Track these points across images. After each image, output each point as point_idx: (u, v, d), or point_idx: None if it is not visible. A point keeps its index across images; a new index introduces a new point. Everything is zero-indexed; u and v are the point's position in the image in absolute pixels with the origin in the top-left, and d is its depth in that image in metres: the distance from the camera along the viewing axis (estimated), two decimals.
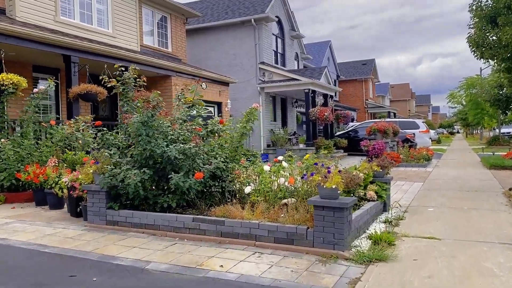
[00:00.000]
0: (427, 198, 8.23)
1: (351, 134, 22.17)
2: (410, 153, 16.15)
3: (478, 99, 26.13)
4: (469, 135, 64.35)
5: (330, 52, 37.60)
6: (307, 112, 18.07)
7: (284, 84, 18.22)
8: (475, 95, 26.83)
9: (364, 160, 7.82)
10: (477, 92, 25.95)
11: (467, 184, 10.11)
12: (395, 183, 10.64)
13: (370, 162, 6.99)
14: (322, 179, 4.66)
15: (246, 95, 19.14)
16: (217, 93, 16.49)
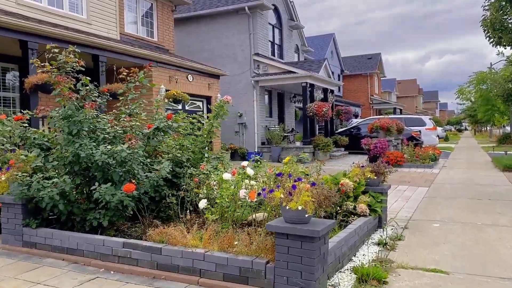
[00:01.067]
0: (432, 209, 6.94)
1: (353, 132, 20.85)
2: (415, 152, 14.83)
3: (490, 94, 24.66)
4: (478, 133, 62.61)
5: (334, 46, 36.17)
6: (304, 107, 16.79)
7: (279, 77, 16.94)
8: (486, 90, 25.36)
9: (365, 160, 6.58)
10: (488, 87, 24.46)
11: (479, 190, 8.80)
12: (397, 187, 9.36)
13: (363, 168, 5.72)
14: (285, 197, 3.41)
15: (239, 89, 17.88)
16: (205, 86, 15.25)
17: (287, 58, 20.89)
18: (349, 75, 39.16)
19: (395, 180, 10.65)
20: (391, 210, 6.94)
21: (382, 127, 15.55)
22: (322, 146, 16.70)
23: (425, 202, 7.62)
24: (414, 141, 18.46)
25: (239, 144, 17.90)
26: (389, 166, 5.80)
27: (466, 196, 8.09)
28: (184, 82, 14.06)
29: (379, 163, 5.71)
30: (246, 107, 17.73)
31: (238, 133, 18.01)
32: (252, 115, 17.57)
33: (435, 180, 10.57)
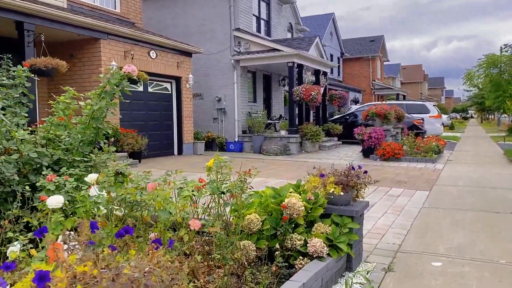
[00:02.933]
0: (432, 230, 4.92)
1: (349, 119, 18.76)
2: (416, 144, 12.76)
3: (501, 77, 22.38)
4: (485, 121, 60.19)
5: (334, 26, 33.77)
6: (290, 91, 14.69)
7: (262, 55, 14.80)
8: (497, 74, 23.02)
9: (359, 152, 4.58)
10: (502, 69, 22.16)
11: (495, 196, 6.76)
12: (388, 191, 7.34)
13: (323, 178, 3.70)
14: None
15: (218, 70, 15.78)
16: (173, 65, 13.16)
17: (276, 35, 18.70)
18: (349, 59, 36.82)
19: (388, 179, 8.62)
20: (375, 230, 4.93)
21: (378, 114, 13.46)
22: (311, 136, 14.65)
23: (423, 217, 5.59)
24: (415, 130, 16.38)
25: (217, 132, 15.88)
26: (365, 176, 3.76)
27: (478, 207, 6.05)
28: (145, 59, 11.98)
29: (348, 174, 3.66)
30: (225, 91, 15.65)
31: (217, 120, 15.96)
32: (233, 100, 15.50)
33: (438, 180, 8.53)
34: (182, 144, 13.58)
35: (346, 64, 36.86)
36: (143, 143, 10.96)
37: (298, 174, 9.40)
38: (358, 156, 13.26)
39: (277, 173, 9.46)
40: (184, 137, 13.61)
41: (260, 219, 3.38)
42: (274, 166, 11.05)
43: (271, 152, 14.16)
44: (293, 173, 9.60)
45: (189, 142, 13.86)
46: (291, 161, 12.38)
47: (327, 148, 15.47)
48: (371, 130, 12.77)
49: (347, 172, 3.69)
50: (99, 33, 10.43)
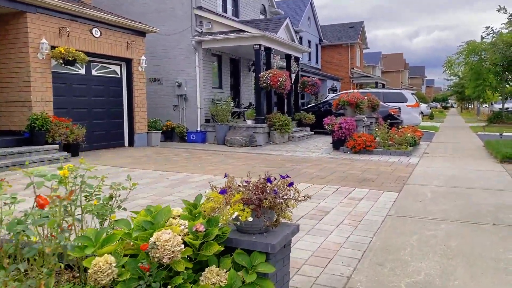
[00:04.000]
0: (394, 253, 3.76)
1: (322, 108, 17.63)
2: (390, 135, 11.70)
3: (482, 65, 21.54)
4: (464, 110, 60.15)
5: (311, 11, 32.46)
6: (257, 76, 13.42)
7: (225, 37, 13.44)
8: (478, 62, 22.20)
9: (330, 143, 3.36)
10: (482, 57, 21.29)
11: (475, 200, 5.68)
12: (350, 193, 6.20)
13: (224, 194, 2.47)
14: None
15: (178, 52, 14.37)
16: (122, 45, 11.72)
17: (246, 17, 17.33)
18: (328, 45, 35.65)
19: (354, 176, 7.49)
20: (321, 252, 3.77)
21: (350, 103, 12.32)
22: (279, 126, 13.46)
23: (386, 231, 4.45)
24: (391, 120, 15.37)
25: (178, 121, 14.53)
26: (290, 190, 2.55)
27: (455, 216, 4.95)
28: (86, 38, 10.51)
29: (263, 186, 2.45)
30: (187, 75, 14.28)
31: (177, 107, 14.61)
32: (194, 85, 14.15)
33: (410, 178, 7.44)
34: (133, 135, 12.21)
35: (324, 51, 35.70)
36: (81, 133, 9.57)
37: (254, 170, 8.19)
38: (328, 149, 12.14)
39: (227, 169, 8.24)
40: (136, 127, 12.24)
41: (114, 264, 2.13)
42: (232, 160, 9.82)
43: (236, 144, 12.93)
44: (247, 170, 8.38)
45: (142, 132, 12.49)
46: (254, 153, 11.17)
47: (297, 139, 14.30)
48: (342, 120, 11.64)
49: (262, 186, 2.47)
50: (25, 6, 8.92)
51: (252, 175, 2.87)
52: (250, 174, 2.93)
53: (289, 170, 8.26)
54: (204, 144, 13.52)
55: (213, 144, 13.69)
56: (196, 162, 9.28)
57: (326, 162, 9.48)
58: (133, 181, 6.94)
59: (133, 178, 7.28)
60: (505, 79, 21.53)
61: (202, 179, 7.20)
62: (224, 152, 11.48)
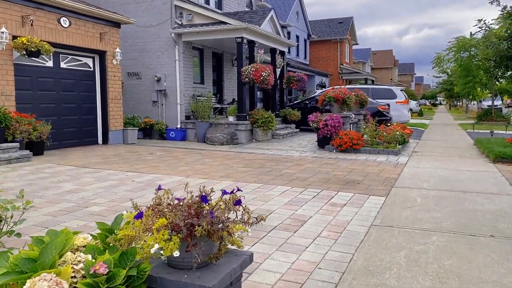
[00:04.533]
0: (377, 275, 3.17)
1: (308, 104, 17.04)
2: (378, 133, 11.15)
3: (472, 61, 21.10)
4: (453, 107, 60.18)
5: (300, 5, 31.82)
6: (239, 71, 12.77)
7: (206, 29, 12.75)
8: (467, 59, 21.77)
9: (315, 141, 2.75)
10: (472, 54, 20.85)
11: (468, 205, 5.12)
12: (334, 197, 5.61)
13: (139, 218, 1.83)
14: None
15: (157, 45, 13.65)
16: (95, 36, 10.98)
17: (229, 9, 16.64)
18: (317, 41, 35.07)
19: (338, 178, 6.90)
20: (291, 275, 3.16)
21: (336, 99, 11.74)
22: (262, 123, 12.83)
23: (369, 245, 3.86)
24: (380, 117, 14.84)
25: (157, 117, 13.83)
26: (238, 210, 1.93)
27: (448, 226, 4.39)
28: (53, 28, 9.76)
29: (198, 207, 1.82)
30: (166, 70, 13.57)
31: (157, 103, 13.90)
32: (174, 80, 13.45)
33: (398, 180, 6.88)
34: (108, 132, 11.50)
35: (313, 46, 35.12)
36: (45, 130, 8.84)
37: (230, 171, 7.58)
38: (313, 147, 11.56)
39: (201, 170, 7.59)
40: (110, 123, 11.52)
41: None
42: (209, 159, 9.18)
43: (216, 141, 12.28)
44: (225, 171, 7.76)
45: (117, 129, 11.78)
46: (234, 152, 10.53)
47: (281, 137, 13.70)
48: (327, 117, 11.05)
49: (196, 207, 1.84)
50: None
51: (232, 176, 2.25)
52: (226, 175, 2.34)
53: (268, 171, 7.66)
54: (183, 142, 12.85)
55: (193, 142, 13.03)
56: (170, 162, 8.62)
57: (309, 162, 8.89)
58: (96, 183, 6.28)
59: (95, 181, 6.61)
60: (495, 75, 21.12)
61: (171, 181, 6.55)
62: (203, 150, 10.83)
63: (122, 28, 13.27)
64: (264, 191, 5.93)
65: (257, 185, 6.39)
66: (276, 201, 5.39)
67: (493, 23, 15.29)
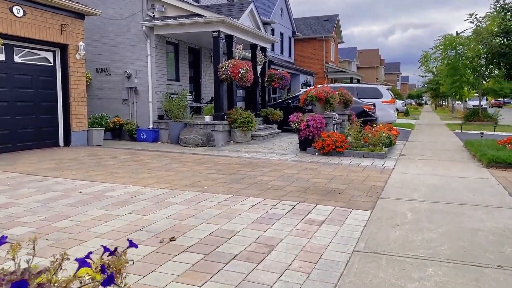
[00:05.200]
0: None
1: (291, 103, 16.28)
2: (363, 134, 10.41)
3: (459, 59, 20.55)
4: (439, 107, 60.20)
5: (284, 2, 31.04)
6: (216, 67, 11.90)
7: (179, 22, 11.84)
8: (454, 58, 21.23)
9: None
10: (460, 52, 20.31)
11: (467, 222, 4.36)
12: (311, 211, 4.81)
13: None
14: None
15: (128, 39, 12.70)
16: (55, 28, 10.00)
17: (207, 1, 15.73)
18: (302, 39, 34.36)
19: (318, 187, 6.08)
20: None
21: (319, 98, 10.96)
22: (241, 123, 11.99)
23: (351, 282, 3.04)
24: (365, 118, 14.14)
25: (127, 117, 12.88)
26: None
27: (446, 251, 3.61)
28: (4, 18, 8.77)
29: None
30: (137, 66, 12.63)
31: (127, 101, 12.94)
32: (146, 77, 12.51)
33: (385, 189, 6.10)
34: (70, 133, 10.52)
35: (298, 44, 34.41)
36: None
37: (197, 180, 6.71)
38: (294, 149, 10.76)
39: (165, 177, 6.71)
40: (72, 124, 10.55)
41: None
42: (178, 164, 8.30)
43: (191, 143, 11.39)
44: (192, 179, 6.89)
45: (81, 130, 10.80)
46: (208, 156, 9.67)
47: (261, 138, 12.87)
48: (309, 117, 10.27)
49: None
50: None
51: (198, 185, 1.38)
52: (192, 184, 1.57)
53: (241, 178, 6.82)
54: (155, 144, 11.92)
55: (166, 143, 12.12)
56: (132, 167, 7.72)
57: (289, 167, 8.08)
58: (35, 195, 5.16)
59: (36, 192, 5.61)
60: (482, 75, 20.64)
61: (124, 192, 5.66)
62: (174, 153, 9.93)
63: (90, 20, 12.33)
64: (231, 205, 5.09)
65: (225, 196, 5.55)
66: (243, 218, 4.56)
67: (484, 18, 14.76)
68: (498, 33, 12.16)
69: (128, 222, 4.31)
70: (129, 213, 4.63)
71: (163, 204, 5.07)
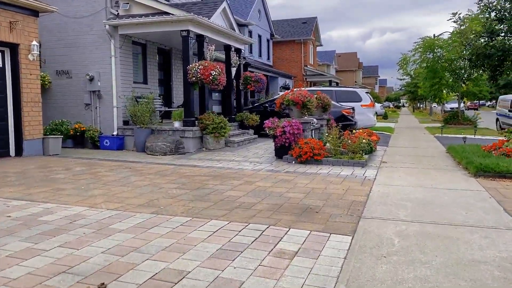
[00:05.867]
0: None
1: (268, 107, 15.52)
2: (342, 141, 9.74)
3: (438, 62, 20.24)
4: (416, 110, 60.64)
5: (262, 4, 30.40)
6: (185, 69, 11.08)
7: (145, 20, 10.99)
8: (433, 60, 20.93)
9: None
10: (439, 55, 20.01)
11: (468, 252, 3.68)
12: (282, 239, 4.05)
13: None
14: None
15: (90, 39, 11.75)
16: (3, 25, 9.01)
17: (179, 1, 14.90)
18: (280, 41, 33.78)
19: (292, 204, 5.29)
20: None
21: (295, 102, 10.26)
22: (213, 129, 11.18)
23: None
24: (345, 122, 13.53)
25: (90, 123, 11.91)
26: None
27: None
28: None
29: None
30: (100, 67, 11.69)
31: (90, 106, 11.97)
32: (110, 80, 11.58)
33: (367, 206, 5.40)
34: (22, 141, 9.51)
35: (276, 47, 33.82)
36: None
37: (155, 197, 5.86)
38: (270, 157, 10.02)
39: (119, 195, 5.84)
40: (25, 131, 9.55)
41: None
42: (137, 177, 7.43)
43: (157, 151, 10.52)
44: (149, 196, 6.05)
45: (35, 138, 9.81)
46: (174, 166, 8.82)
47: (236, 145, 12.09)
48: (285, 123, 9.55)
49: None
50: None
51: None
52: (148, 203, 1.00)
53: (207, 194, 6.02)
54: (119, 152, 10.99)
55: (131, 151, 11.20)
56: (83, 182, 6.81)
57: (262, 179, 7.32)
58: None
59: None
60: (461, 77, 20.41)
61: (63, 216, 4.79)
62: (136, 164, 9.05)
63: (50, 19, 11.39)
64: (188, 232, 4.29)
65: (183, 219, 4.74)
66: (199, 251, 3.76)
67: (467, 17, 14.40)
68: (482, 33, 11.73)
69: (53, 260, 3.46)
70: (58, 246, 3.77)
71: (105, 232, 4.23)
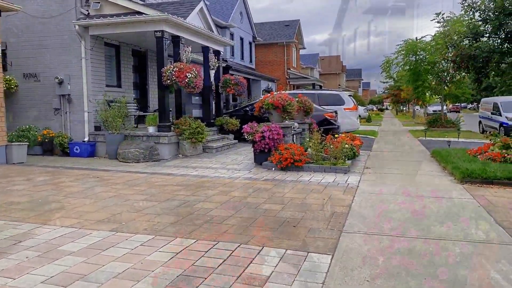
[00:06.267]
0: None
1: (249, 111, 15.04)
2: (324, 146, 9.33)
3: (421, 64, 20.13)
4: (399, 112, 61.01)
5: (244, 6, 30.00)
6: (159, 71, 10.55)
7: (117, 20, 10.43)
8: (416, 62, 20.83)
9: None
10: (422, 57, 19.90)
11: (467, 278, 3.25)
12: (253, 261, 3.54)
13: None
14: None
15: (60, 40, 11.13)
16: None
17: (155, 1, 14.36)
18: (263, 44, 33.42)
19: (269, 216, 4.79)
20: None
21: (276, 106, 9.81)
22: (190, 134, 10.66)
23: None
24: (327, 126, 13.16)
25: (60, 128, 11.26)
26: None
27: None
28: None
29: None
30: (70, 70, 11.07)
31: (59, 111, 11.33)
32: (81, 83, 10.97)
33: (349, 217, 4.96)
34: None
35: (259, 50, 33.45)
36: None
37: (120, 211, 5.32)
38: (249, 164, 9.54)
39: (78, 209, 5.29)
40: None
41: None
42: (103, 188, 6.87)
43: (130, 158, 9.95)
44: (112, 210, 5.52)
45: None
46: (146, 174, 8.27)
47: (214, 151, 11.58)
48: (264, 127, 9.10)
49: None
50: None
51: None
52: (108, 219, 0.98)
53: (176, 207, 5.51)
54: (90, 160, 10.38)
55: (103, 158, 10.60)
56: (42, 194, 6.23)
57: (239, 188, 6.84)
58: None
59: None
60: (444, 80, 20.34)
61: (9, 236, 4.24)
62: (105, 172, 8.47)
63: (16, 19, 10.81)
64: (146, 254, 3.78)
65: (144, 238, 4.23)
66: (157, 278, 3.26)
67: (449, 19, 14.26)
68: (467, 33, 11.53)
69: None
70: None
71: (52, 255, 3.69)
